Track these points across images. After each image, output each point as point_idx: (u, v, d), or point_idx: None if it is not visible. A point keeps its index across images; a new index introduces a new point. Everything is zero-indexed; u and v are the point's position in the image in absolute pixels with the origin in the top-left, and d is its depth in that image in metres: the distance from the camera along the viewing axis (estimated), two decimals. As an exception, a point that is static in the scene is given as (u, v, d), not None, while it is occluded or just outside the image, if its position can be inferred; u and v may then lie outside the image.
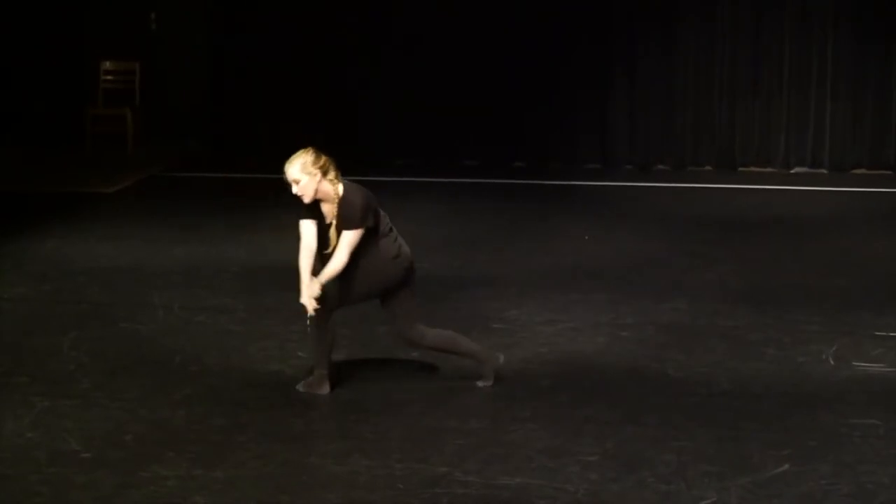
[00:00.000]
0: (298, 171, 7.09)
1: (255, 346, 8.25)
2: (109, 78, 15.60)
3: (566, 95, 14.77)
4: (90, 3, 15.73)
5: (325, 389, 7.37)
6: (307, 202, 7.17)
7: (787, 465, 6.37)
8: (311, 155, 7.14)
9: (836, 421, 6.97)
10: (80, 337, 8.44)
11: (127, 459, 6.44)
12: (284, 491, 6.11)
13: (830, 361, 7.96)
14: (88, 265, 10.38)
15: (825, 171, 14.64)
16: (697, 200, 13.32)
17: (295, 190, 7.13)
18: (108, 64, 15.57)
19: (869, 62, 14.46)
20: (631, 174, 14.55)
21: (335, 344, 7.47)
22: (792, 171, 14.67)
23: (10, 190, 13.26)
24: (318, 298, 7.14)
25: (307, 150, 7.20)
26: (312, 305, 7.16)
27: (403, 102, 14.71)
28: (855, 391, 7.43)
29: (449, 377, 7.57)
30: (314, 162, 7.11)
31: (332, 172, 7.17)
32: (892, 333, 8.50)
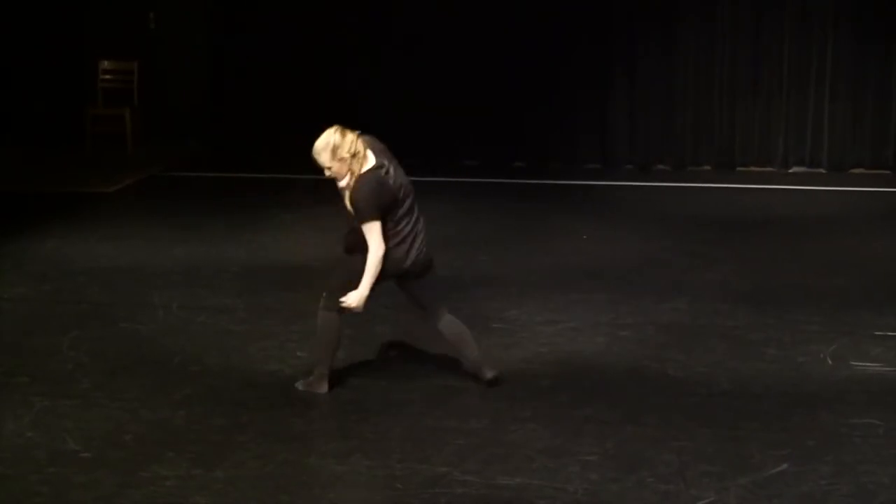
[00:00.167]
0: (329, 158, 7.01)
1: (254, 346, 8.26)
2: (108, 77, 15.59)
3: (566, 95, 14.76)
4: (90, 2, 15.73)
5: (323, 388, 7.37)
6: (343, 185, 7.11)
7: (786, 465, 6.38)
8: (337, 135, 7.03)
9: (835, 421, 6.97)
10: (80, 337, 8.45)
11: (127, 459, 6.45)
12: (284, 491, 6.12)
13: (829, 361, 7.97)
14: (88, 265, 10.38)
15: (823, 170, 14.65)
16: (697, 200, 13.31)
17: (327, 174, 7.09)
18: (106, 63, 15.57)
19: (868, 62, 14.45)
20: (631, 174, 14.54)
21: (339, 345, 7.47)
22: (790, 170, 14.69)
23: (9, 190, 13.26)
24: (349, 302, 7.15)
25: (334, 130, 7.07)
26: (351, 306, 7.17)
27: (403, 102, 14.70)
28: (855, 391, 7.44)
29: (449, 377, 7.57)
30: (343, 145, 7.01)
31: (360, 151, 7.07)
32: (890, 333, 8.51)
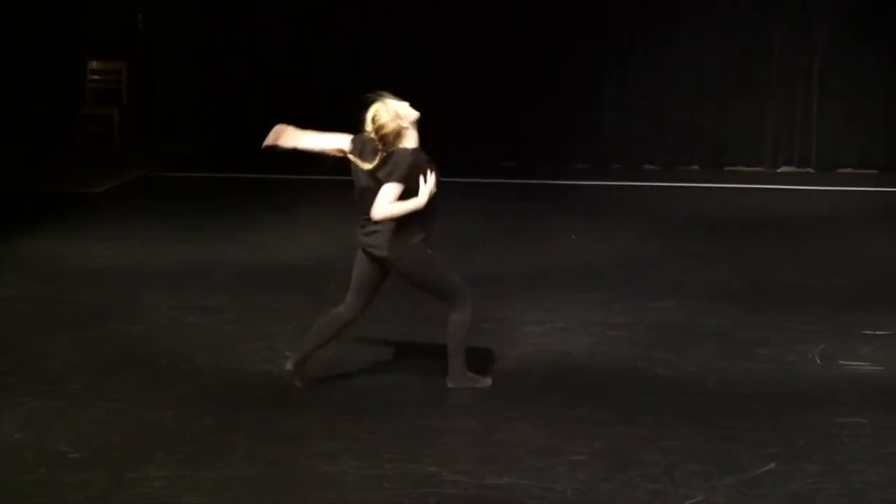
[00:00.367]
0: (390, 119, 7.07)
1: (246, 346, 8.25)
2: (96, 78, 15.59)
3: (558, 96, 14.78)
4: (80, 3, 15.72)
5: (289, 366, 7.43)
6: (389, 151, 7.09)
7: (774, 464, 6.39)
8: (390, 102, 7.11)
9: (825, 420, 6.98)
10: (72, 337, 8.45)
11: (118, 460, 6.44)
12: (274, 491, 6.13)
13: (817, 360, 7.99)
14: (80, 265, 10.38)
15: (812, 170, 14.69)
16: (689, 200, 13.34)
17: (374, 135, 7.05)
18: (94, 64, 15.57)
19: (858, 62, 14.50)
20: (621, 174, 14.57)
21: (325, 344, 7.49)
22: (779, 170, 14.73)
23: (0, 190, 13.27)
24: None
25: (382, 100, 7.11)
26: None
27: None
28: (845, 390, 7.46)
29: (440, 377, 7.57)
30: (407, 115, 7.13)
31: (410, 129, 7.18)
32: (879, 332, 8.54)
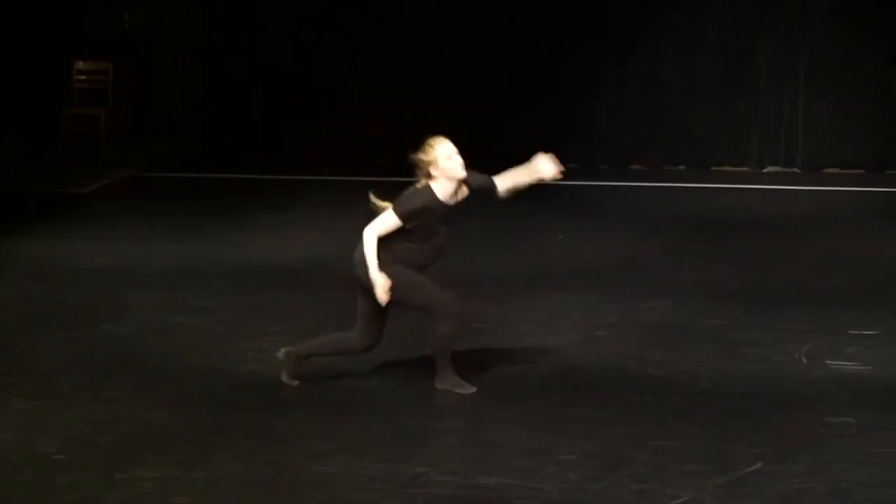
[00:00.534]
0: (438, 159, 7.62)
1: (238, 346, 8.25)
2: (82, 78, 15.55)
3: (558, 97, 14.80)
4: (67, 3, 15.68)
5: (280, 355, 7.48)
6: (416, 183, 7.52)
7: (760, 463, 6.40)
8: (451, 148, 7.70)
9: (813, 420, 7.00)
10: (63, 338, 8.44)
11: (108, 461, 6.44)
12: (265, 491, 6.13)
13: (803, 360, 8.02)
14: (69, 266, 10.37)
15: (798, 170, 14.73)
16: (677, 200, 13.37)
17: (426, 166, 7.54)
18: (80, 64, 15.52)
19: (844, 62, 14.54)
20: (610, 174, 14.59)
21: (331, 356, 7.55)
22: (765, 170, 14.76)
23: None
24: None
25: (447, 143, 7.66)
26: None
27: (403, 102, 14.68)
28: (833, 390, 7.47)
29: (430, 378, 7.57)
30: (450, 155, 7.68)
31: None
32: (866, 332, 8.57)
